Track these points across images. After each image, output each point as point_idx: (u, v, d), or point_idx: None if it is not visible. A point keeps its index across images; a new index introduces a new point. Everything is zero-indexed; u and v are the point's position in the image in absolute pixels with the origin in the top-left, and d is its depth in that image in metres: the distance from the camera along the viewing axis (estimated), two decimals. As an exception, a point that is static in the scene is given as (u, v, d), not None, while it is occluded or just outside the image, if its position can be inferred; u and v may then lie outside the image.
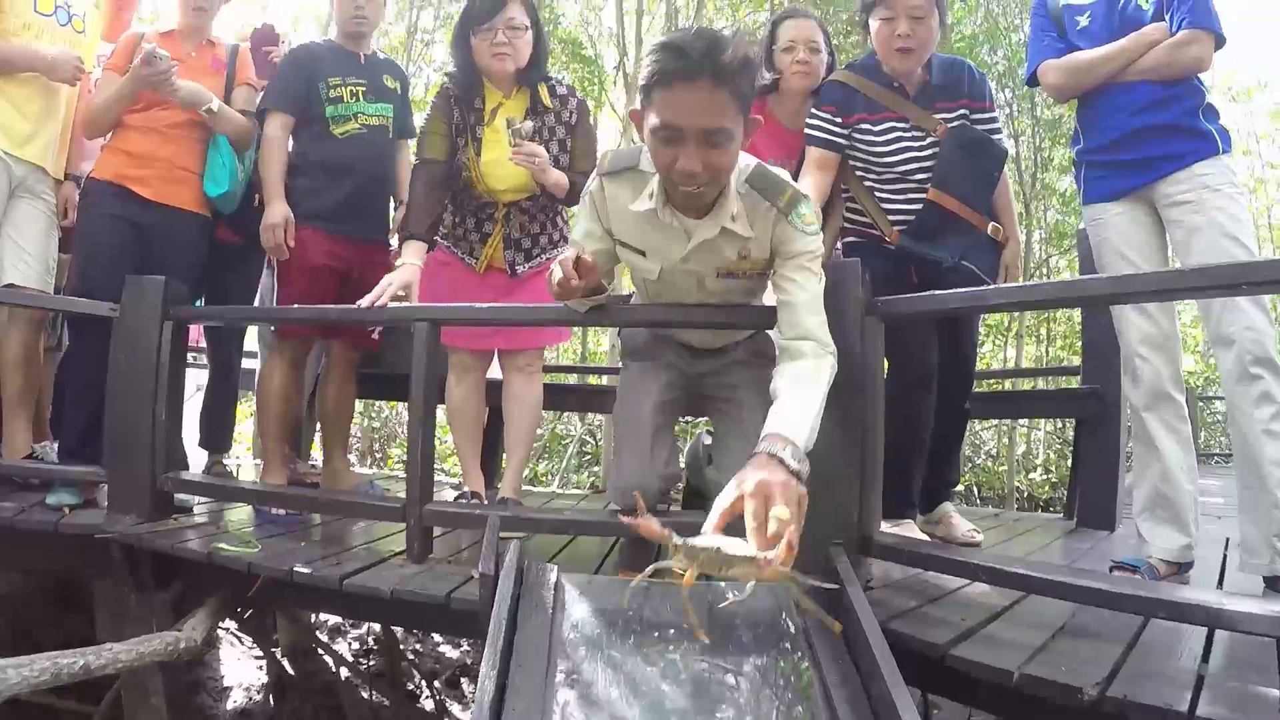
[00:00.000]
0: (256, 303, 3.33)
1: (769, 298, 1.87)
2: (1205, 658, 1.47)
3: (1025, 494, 9.08)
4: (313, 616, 3.94)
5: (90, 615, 2.78)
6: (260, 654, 3.64)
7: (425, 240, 2.46)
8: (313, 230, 2.69)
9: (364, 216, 2.78)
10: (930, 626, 1.65)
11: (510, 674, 1.39)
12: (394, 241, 2.92)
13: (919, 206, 2.34)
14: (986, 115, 2.43)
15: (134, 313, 2.54)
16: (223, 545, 2.23)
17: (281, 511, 2.64)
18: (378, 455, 8.74)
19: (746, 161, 1.74)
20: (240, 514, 2.79)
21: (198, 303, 2.92)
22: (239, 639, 4.00)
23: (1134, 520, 2.19)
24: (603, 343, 9.29)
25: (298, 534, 2.53)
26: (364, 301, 2.30)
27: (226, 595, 2.40)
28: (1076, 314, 6.79)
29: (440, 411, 2.50)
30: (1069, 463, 4.45)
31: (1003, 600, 1.81)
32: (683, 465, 2.26)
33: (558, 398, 4.24)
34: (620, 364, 2.21)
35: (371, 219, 2.85)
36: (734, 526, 1.34)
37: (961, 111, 2.38)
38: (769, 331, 2.01)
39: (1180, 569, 2.06)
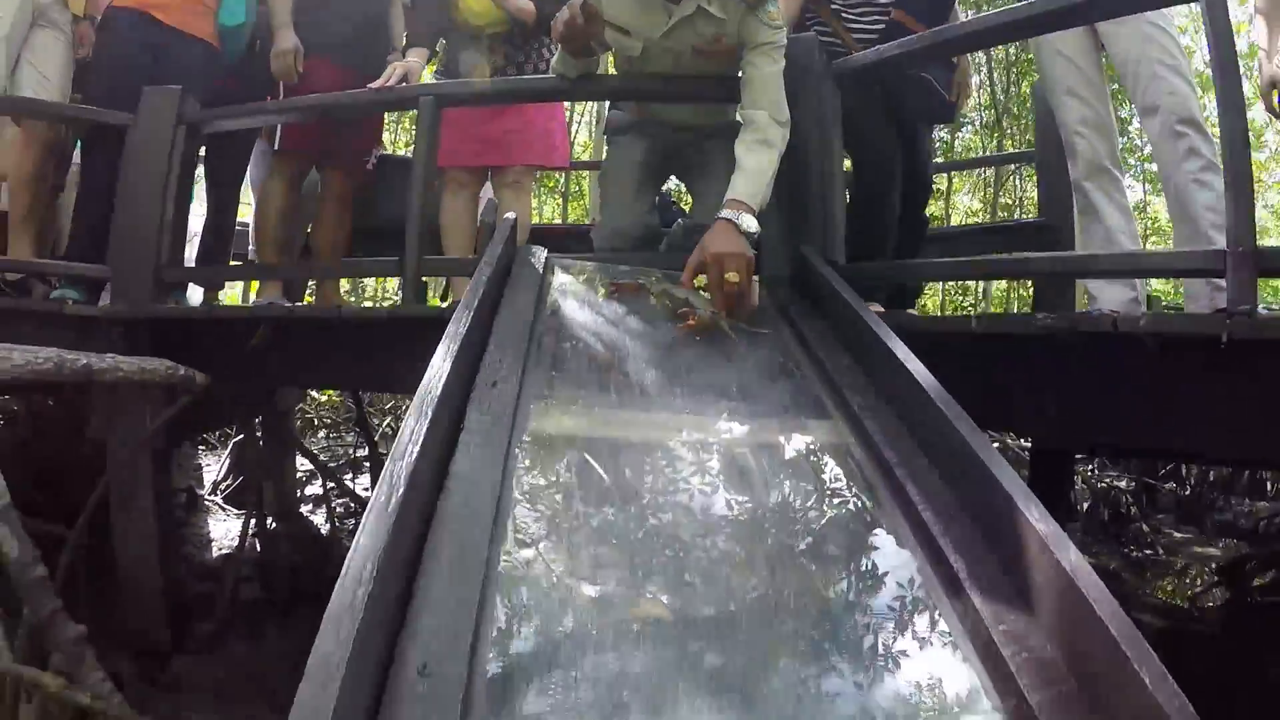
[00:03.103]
0: (248, 173, 3.44)
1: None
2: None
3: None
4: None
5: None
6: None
7: (427, 46, 2.67)
8: (319, 59, 2.86)
9: (368, 52, 2.94)
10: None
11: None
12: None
13: (882, 27, 2.56)
14: None
15: (149, 118, 2.65)
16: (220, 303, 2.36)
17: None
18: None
19: None
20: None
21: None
22: (223, 508, 4.09)
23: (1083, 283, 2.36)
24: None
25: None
26: (372, 85, 2.48)
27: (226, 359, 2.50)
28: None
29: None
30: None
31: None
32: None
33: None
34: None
35: (373, 55, 3.01)
36: None
37: None
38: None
39: None
